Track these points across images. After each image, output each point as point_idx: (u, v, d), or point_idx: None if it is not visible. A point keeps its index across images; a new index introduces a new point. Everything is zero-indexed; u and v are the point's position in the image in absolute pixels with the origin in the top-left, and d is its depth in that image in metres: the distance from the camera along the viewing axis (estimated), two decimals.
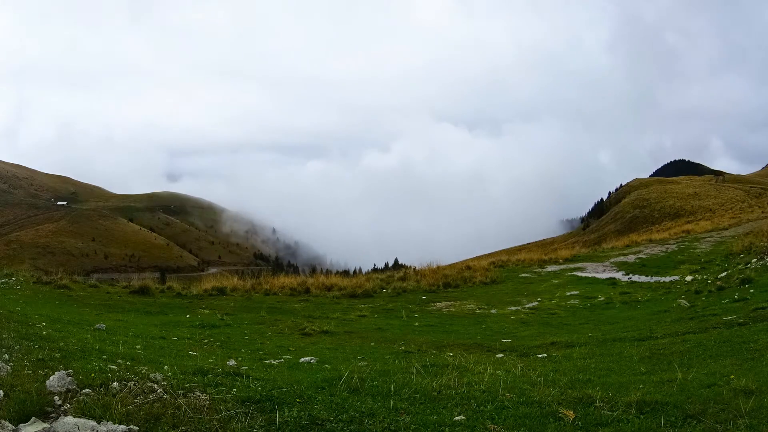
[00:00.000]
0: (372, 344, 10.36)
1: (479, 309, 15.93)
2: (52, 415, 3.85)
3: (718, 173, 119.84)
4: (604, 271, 22.34)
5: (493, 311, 15.39)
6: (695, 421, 4.23)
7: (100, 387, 4.48)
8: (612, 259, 25.45)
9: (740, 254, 19.72)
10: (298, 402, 4.59)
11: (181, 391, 4.58)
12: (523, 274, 23.12)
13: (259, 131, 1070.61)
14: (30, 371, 4.76)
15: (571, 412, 4.47)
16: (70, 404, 4.05)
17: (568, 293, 17.56)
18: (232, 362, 6.96)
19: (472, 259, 35.62)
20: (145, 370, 5.34)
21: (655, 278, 19.24)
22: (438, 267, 24.37)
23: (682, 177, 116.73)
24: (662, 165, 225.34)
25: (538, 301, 16.71)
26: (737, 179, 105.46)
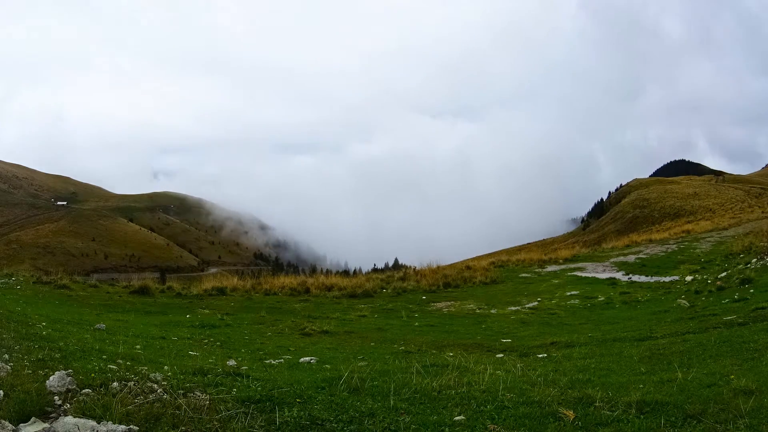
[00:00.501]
0: (372, 344, 10.36)
1: (479, 309, 15.93)
2: (52, 415, 3.85)
3: (718, 173, 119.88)
4: (604, 271, 22.34)
5: (493, 311, 15.38)
6: (695, 421, 4.22)
7: (100, 387, 4.48)
8: (612, 259, 25.45)
9: (740, 254, 19.73)
10: (298, 402, 4.59)
11: (181, 391, 4.58)
12: (523, 274, 23.13)
13: (232, 128, 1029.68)
14: (30, 371, 4.75)
15: (571, 412, 4.46)
16: (70, 404, 4.04)
17: (568, 293, 17.56)
18: (232, 362, 6.96)
19: (472, 259, 35.63)
20: (145, 370, 5.34)
21: (655, 278, 19.24)
22: (438, 267, 24.39)
23: (682, 177, 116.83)
24: (662, 165, 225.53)
25: (538, 301, 16.71)
26: (737, 179, 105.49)
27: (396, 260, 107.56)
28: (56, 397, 4.13)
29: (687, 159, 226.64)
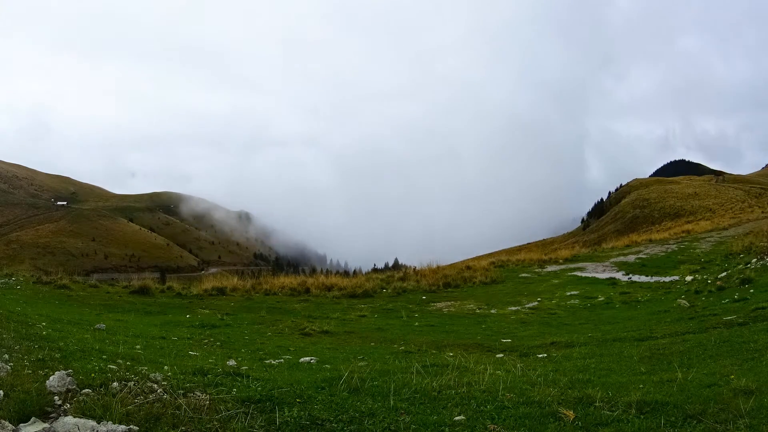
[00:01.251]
0: (372, 344, 10.36)
1: (479, 309, 15.93)
2: (52, 415, 3.85)
3: (718, 173, 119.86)
4: (604, 271, 22.35)
5: (493, 311, 15.39)
6: (695, 421, 4.22)
7: (100, 387, 4.48)
8: (612, 259, 25.46)
9: (740, 254, 19.73)
10: (298, 402, 4.59)
11: (181, 391, 4.58)
12: (523, 274, 23.14)
13: (195, 121, 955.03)
14: (30, 371, 4.76)
15: (571, 412, 4.46)
16: (70, 404, 4.04)
17: (568, 293, 17.56)
18: (232, 362, 6.96)
19: (472, 259, 35.64)
20: (145, 370, 5.34)
21: (655, 278, 19.25)
22: (438, 267, 24.39)
23: (682, 177, 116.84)
24: (662, 165, 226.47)
25: (538, 301, 16.71)
26: (737, 179, 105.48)
27: (396, 260, 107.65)
28: (56, 397, 4.13)
29: (687, 159, 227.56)
